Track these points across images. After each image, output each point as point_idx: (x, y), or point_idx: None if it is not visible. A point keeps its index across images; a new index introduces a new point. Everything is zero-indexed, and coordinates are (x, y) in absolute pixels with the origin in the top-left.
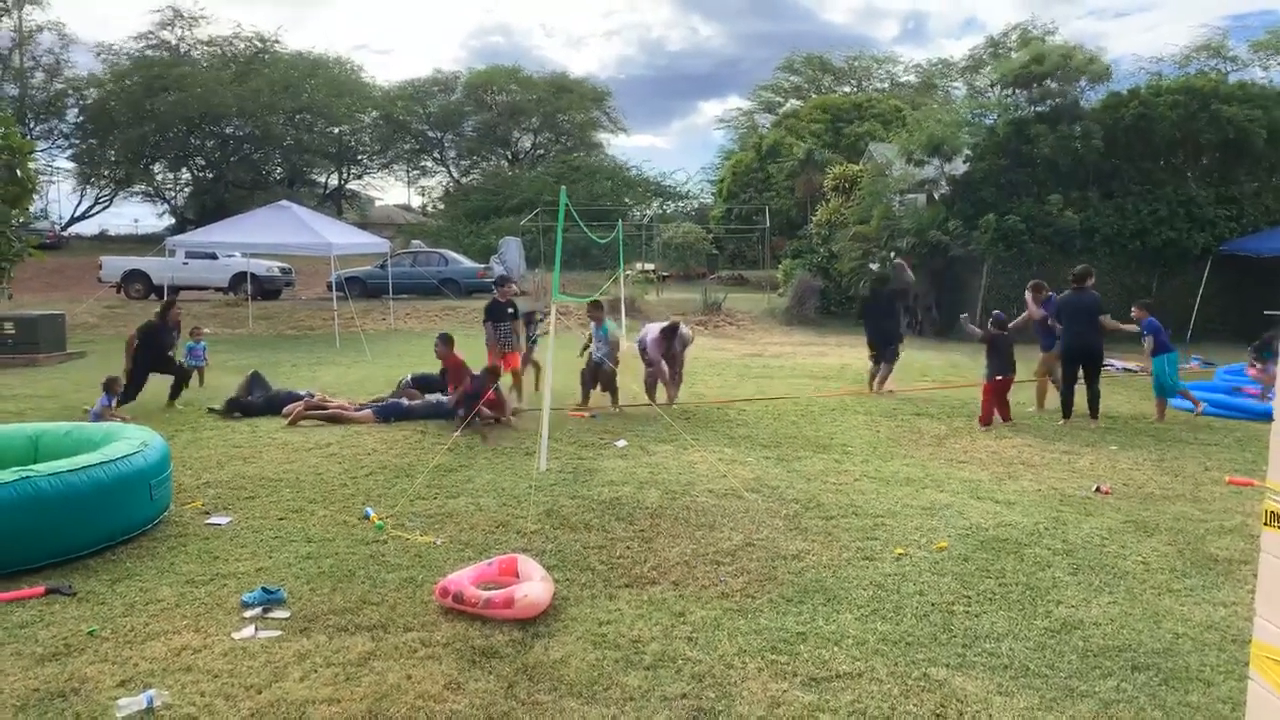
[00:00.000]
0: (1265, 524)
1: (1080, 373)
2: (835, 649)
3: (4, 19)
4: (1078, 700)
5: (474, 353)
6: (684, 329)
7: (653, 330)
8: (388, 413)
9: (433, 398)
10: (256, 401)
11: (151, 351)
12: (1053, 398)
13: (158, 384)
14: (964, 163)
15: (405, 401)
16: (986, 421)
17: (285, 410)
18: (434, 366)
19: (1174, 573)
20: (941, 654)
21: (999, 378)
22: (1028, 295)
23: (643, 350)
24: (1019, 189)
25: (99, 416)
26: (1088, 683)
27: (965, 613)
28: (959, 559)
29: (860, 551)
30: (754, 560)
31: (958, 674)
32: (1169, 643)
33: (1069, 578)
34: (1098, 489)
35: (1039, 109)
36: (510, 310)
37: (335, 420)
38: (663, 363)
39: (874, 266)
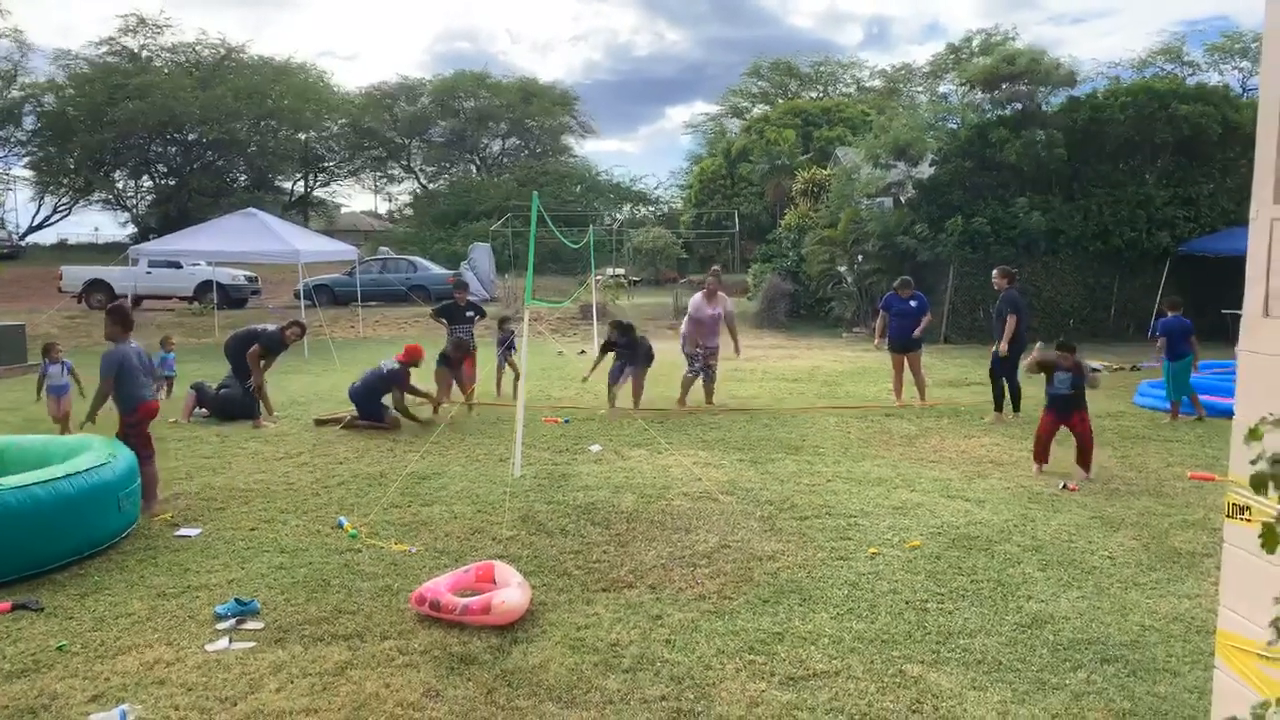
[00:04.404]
0: (1228, 516)
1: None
2: (812, 648)
3: None
4: (1049, 693)
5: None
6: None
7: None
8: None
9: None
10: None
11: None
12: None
13: None
14: (929, 166)
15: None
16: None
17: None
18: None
19: (1140, 567)
20: (916, 651)
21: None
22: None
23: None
24: (984, 192)
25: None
26: (1058, 675)
27: (938, 610)
28: (931, 557)
29: (834, 551)
30: (730, 562)
31: (932, 670)
32: (1136, 635)
33: (1038, 573)
34: (1065, 486)
35: (1001, 113)
36: (469, 314)
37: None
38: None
39: (842, 269)
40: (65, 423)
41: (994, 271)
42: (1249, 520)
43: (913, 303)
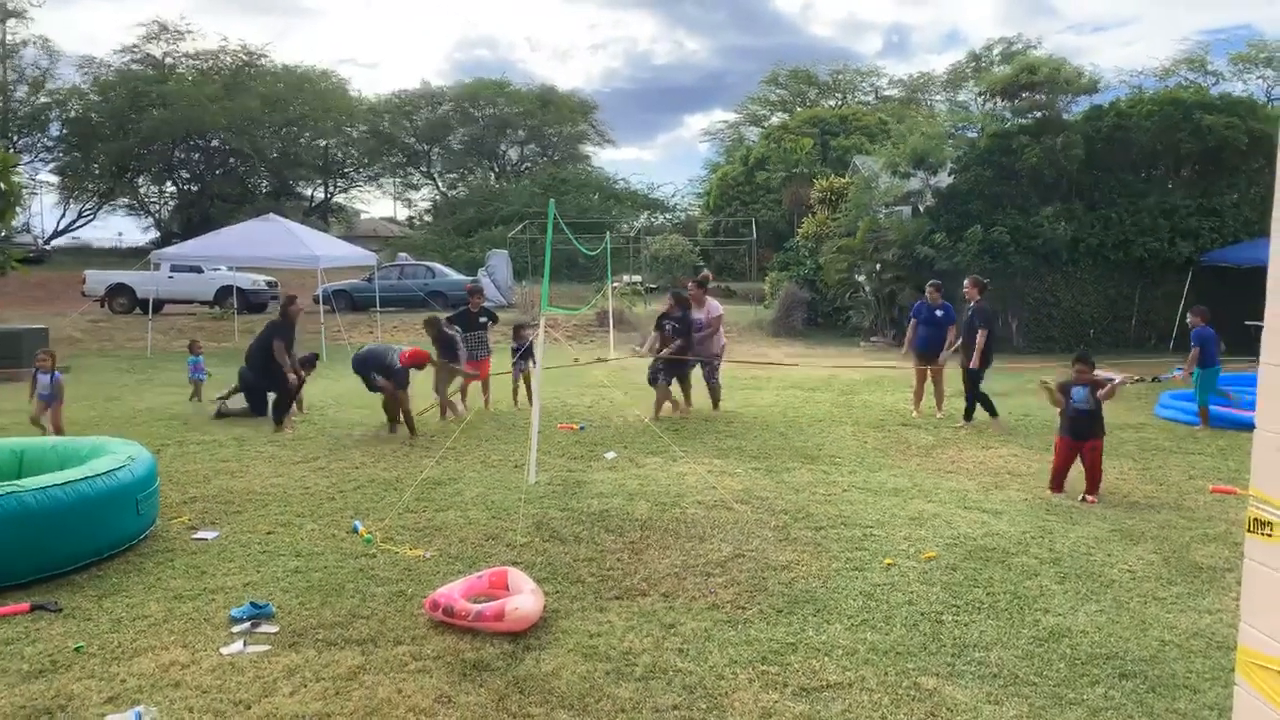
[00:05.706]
0: (1249, 530)
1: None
2: (825, 659)
3: None
4: (1066, 708)
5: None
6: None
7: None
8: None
9: None
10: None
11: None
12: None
13: (150, 397)
14: (948, 175)
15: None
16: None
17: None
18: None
19: (1160, 580)
20: (931, 663)
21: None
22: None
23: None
24: (1004, 201)
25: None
26: (1076, 690)
27: (954, 622)
28: (947, 568)
29: (849, 562)
30: (744, 571)
31: (947, 683)
32: (1156, 650)
33: (1056, 586)
34: (1083, 498)
35: (1023, 121)
36: (482, 320)
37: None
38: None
39: (860, 278)
40: (57, 430)
41: (965, 281)
42: (1271, 535)
43: (938, 312)
